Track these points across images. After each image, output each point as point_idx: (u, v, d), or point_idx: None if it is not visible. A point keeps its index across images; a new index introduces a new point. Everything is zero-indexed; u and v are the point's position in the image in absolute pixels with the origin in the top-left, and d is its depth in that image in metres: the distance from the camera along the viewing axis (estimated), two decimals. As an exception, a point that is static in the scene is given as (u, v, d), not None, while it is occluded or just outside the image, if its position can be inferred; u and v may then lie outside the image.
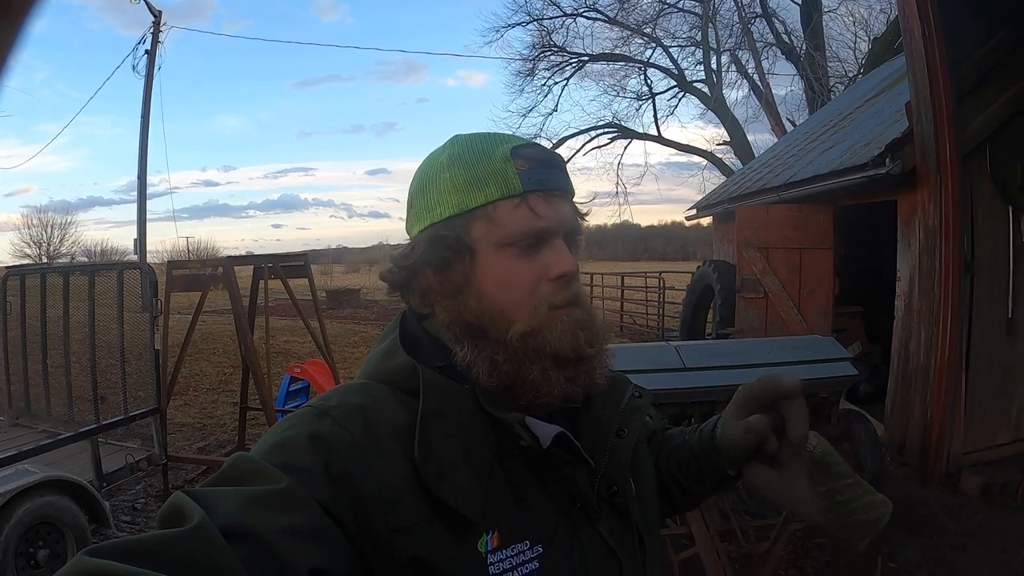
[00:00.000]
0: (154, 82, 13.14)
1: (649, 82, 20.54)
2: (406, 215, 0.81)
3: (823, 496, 0.78)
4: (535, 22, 20.01)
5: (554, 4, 19.60)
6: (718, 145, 20.39)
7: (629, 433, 0.79)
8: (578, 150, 20.99)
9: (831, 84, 16.77)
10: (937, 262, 4.79)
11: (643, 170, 35.08)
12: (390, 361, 0.75)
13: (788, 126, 16.74)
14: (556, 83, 20.75)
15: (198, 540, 0.50)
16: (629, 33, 19.67)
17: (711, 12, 18.16)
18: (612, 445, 0.77)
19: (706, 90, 19.33)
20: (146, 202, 13.39)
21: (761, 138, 20.08)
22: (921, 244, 4.97)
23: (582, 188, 0.84)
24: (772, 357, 3.88)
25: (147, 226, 13.88)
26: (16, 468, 3.58)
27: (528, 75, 20.75)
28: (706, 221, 11.50)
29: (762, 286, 6.66)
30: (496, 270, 0.73)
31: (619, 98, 21.27)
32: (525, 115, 20.95)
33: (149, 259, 14.30)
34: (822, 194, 6.38)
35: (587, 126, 21.01)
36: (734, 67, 19.11)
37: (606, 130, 21.00)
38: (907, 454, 5.03)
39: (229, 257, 5.42)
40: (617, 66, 20.53)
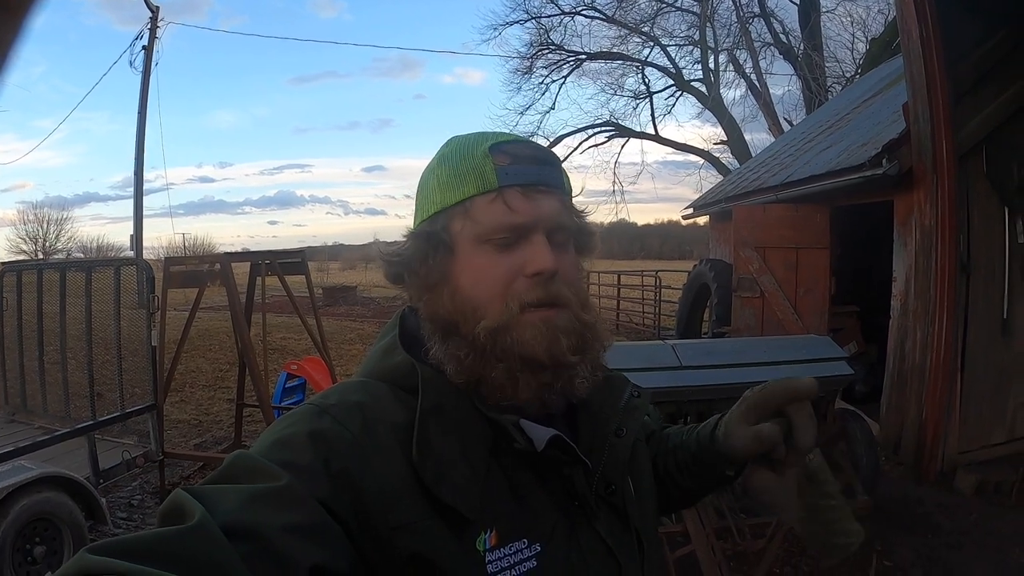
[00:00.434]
0: (151, 78, 13.10)
1: (647, 81, 20.60)
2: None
3: (807, 508, 0.79)
4: (533, 20, 20.03)
5: (552, 2, 19.64)
6: (715, 144, 20.47)
7: (627, 432, 0.79)
8: (575, 148, 21.04)
9: (828, 84, 16.80)
10: (933, 262, 4.82)
11: (640, 169, 35.19)
12: (389, 359, 0.75)
13: (785, 126, 16.75)
14: (554, 81, 20.79)
15: (199, 538, 0.50)
16: (627, 32, 19.70)
17: (709, 11, 18.18)
18: (610, 444, 0.77)
19: (704, 89, 19.37)
20: (142, 198, 13.35)
21: (758, 137, 20.19)
22: (917, 244, 4.99)
23: (578, 186, 0.82)
24: (768, 356, 3.89)
25: (143, 222, 13.87)
26: (13, 464, 3.57)
27: (526, 73, 20.78)
28: (702, 220, 11.52)
29: (759, 285, 6.67)
30: (471, 266, 0.73)
31: (617, 97, 21.22)
32: (522, 113, 21.01)
33: (145, 255, 14.26)
34: (819, 194, 6.39)
35: (584, 124, 21.08)
36: (732, 66, 19.18)
37: (603, 128, 21.04)
38: (902, 453, 5.05)
39: (226, 254, 5.41)
40: (615, 65, 20.59)
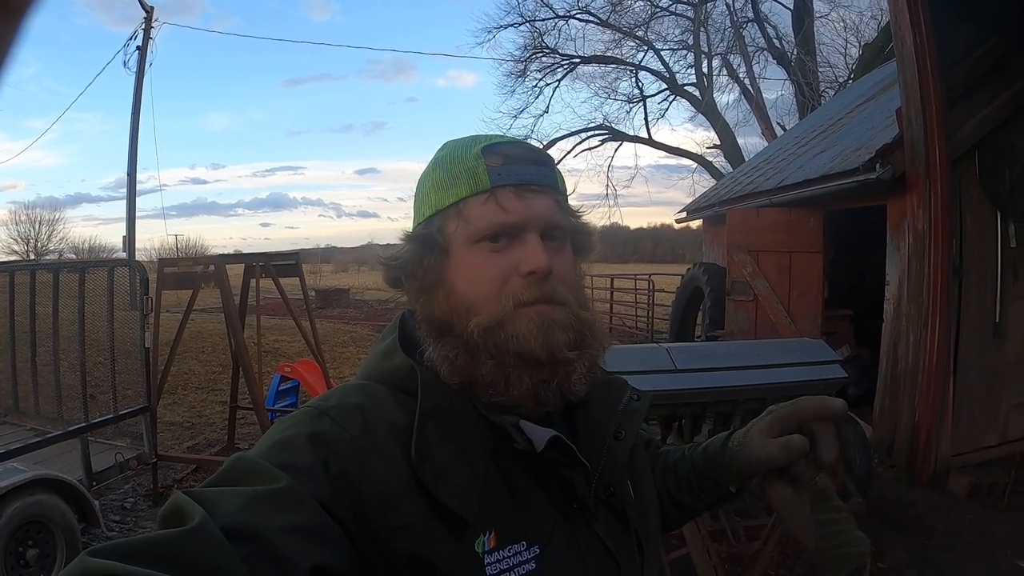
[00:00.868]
0: (145, 78, 13.06)
1: (640, 85, 20.61)
2: None
3: (819, 524, 0.81)
4: (527, 23, 20.04)
5: (546, 6, 19.64)
6: (708, 148, 20.52)
7: (626, 435, 0.79)
8: (569, 152, 21.05)
9: (822, 89, 16.89)
10: (926, 266, 4.84)
11: (633, 172, 35.23)
12: (388, 361, 0.75)
13: (778, 130, 16.80)
14: (547, 84, 20.77)
15: (199, 540, 0.50)
16: (621, 36, 19.73)
17: (703, 16, 18.25)
18: (609, 447, 0.77)
19: (697, 93, 19.42)
20: (135, 199, 13.29)
21: (751, 142, 20.30)
22: (910, 248, 5.02)
23: (571, 188, 0.83)
24: (763, 359, 3.91)
25: (136, 223, 13.79)
26: (5, 467, 3.54)
27: (519, 76, 20.76)
28: (695, 224, 11.55)
29: (752, 289, 6.69)
30: (466, 266, 0.73)
31: (610, 100, 21.26)
32: (516, 116, 20.96)
33: (138, 257, 14.19)
34: (812, 198, 6.41)
35: (578, 128, 21.08)
36: (725, 71, 19.27)
37: (597, 132, 21.07)
38: (896, 456, 5.07)
39: (221, 255, 5.39)
40: (609, 68, 20.62)
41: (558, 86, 20.85)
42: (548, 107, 21.23)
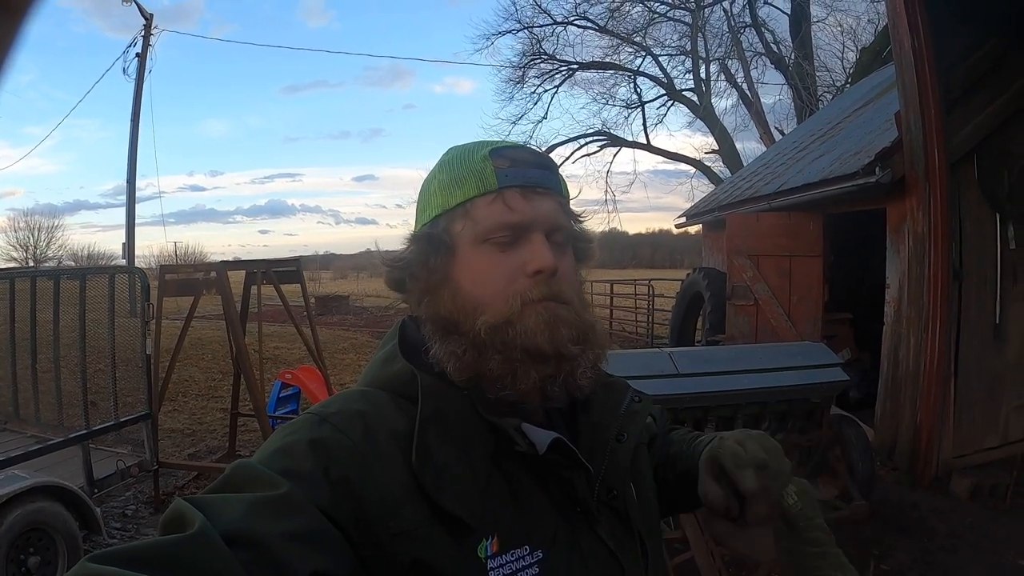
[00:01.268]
0: (144, 85, 13.09)
1: (638, 90, 20.68)
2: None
3: (784, 552, 0.80)
4: (525, 30, 20.11)
5: (545, 12, 19.71)
6: (707, 153, 20.56)
7: (628, 437, 0.79)
8: (568, 158, 21.08)
9: (819, 93, 16.94)
10: (926, 269, 4.85)
11: (632, 178, 35.30)
12: (389, 367, 0.75)
13: (776, 135, 16.84)
14: (546, 91, 20.88)
15: (199, 546, 0.51)
16: (619, 42, 19.82)
17: (701, 22, 18.32)
18: (611, 449, 0.77)
19: (695, 99, 19.48)
20: (135, 206, 13.30)
21: (749, 146, 20.26)
22: (910, 251, 5.03)
23: (572, 192, 0.84)
24: (764, 363, 3.91)
25: (135, 230, 13.80)
26: (6, 474, 3.53)
27: (518, 82, 20.85)
28: (694, 229, 11.55)
29: (752, 293, 6.70)
30: (472, 265, 0.74)
31: (608, 106, 21.30)
32: (515, 122, 21.04)
33: (137, 264, 14.19)
34: (812, 202, 6.42)
35: (576, 134, 21.17)
36: (723, 76, 19.34)
37: (595, 138, 21.12)
38: (897, 458, 5.07)
39: (223, 262, 5.40)
40: (607, 74, 20.71)
41: (556, 92, 20.99)
42: (547, 113, 21.12)
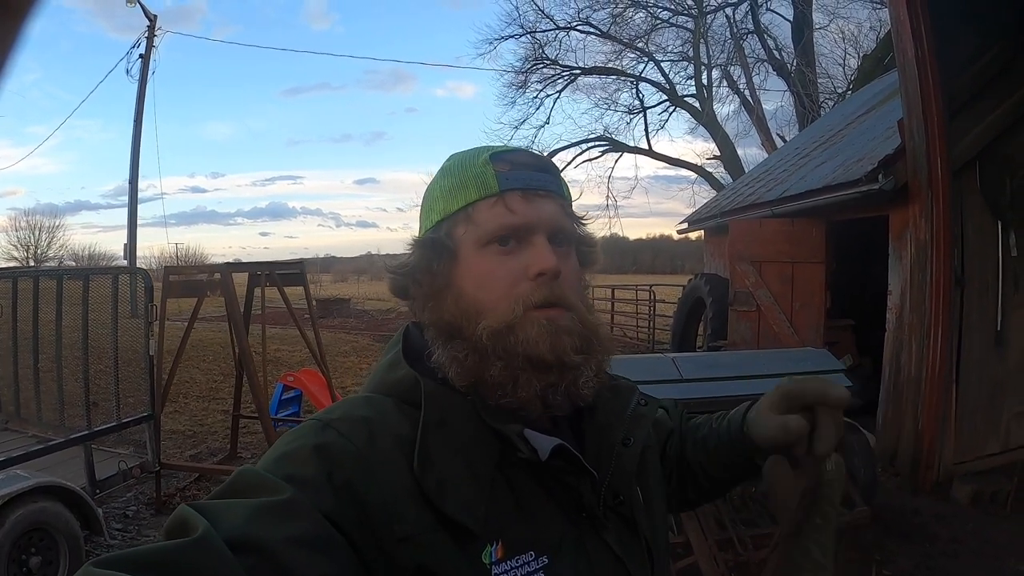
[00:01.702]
0: (147, 86, 13.12)
1: (640, 96, 20.62)
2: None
3: (796, 524, 0.77)
4: (528, 35, 20.12)
5: (547, 17, 19.72)
6: (708, 159, 20.55)
7: (635, 441, 0.79)
8: (569, 163, 21.06)
9: (821, 100, 16.97)
10: (928, 276, 4.86)
11: (633, 183, 35.24)
12: (393, 373, 0.75)
13: (778, 141, 16.85)
14: (548, 96, 20.78)
15: (202, 551, 0.51)
16: (622, 47, 19.82)
17: (703, 28, 18.35)
18: (617, 453, 0.77)
19: (697, 105, 19.49)
20: (137, 207, 13.31)
21: (751, 153, 20.34)
22: (912, 258, 5.04)
23: (574, 195, 0.83)
24: (768, 368, 3.92)
25: (136, 231, 13.80)
26: (8, 473, 3.53)
27: (520, 87, 20.81)
28: (695, 235, 11.56)
29: (755, 299, 6.71)
30: (475, 269, 0.74)
31: (610, 111, 21.27)
32: (517, 127, 20.98)
33: (138, 265, 14.21)
34: (815, 209, 6.43)
35: (578, 139, 21.11)
36: (725, 82, 19.36)
37: (597, 143, 21.09)
38: (899, 464, 5.07)
39: (227, 263, 5.42)
40: (609, 80, 20.66)
41: (559, 97, 20.92)
42: (549, 118, 21.15)
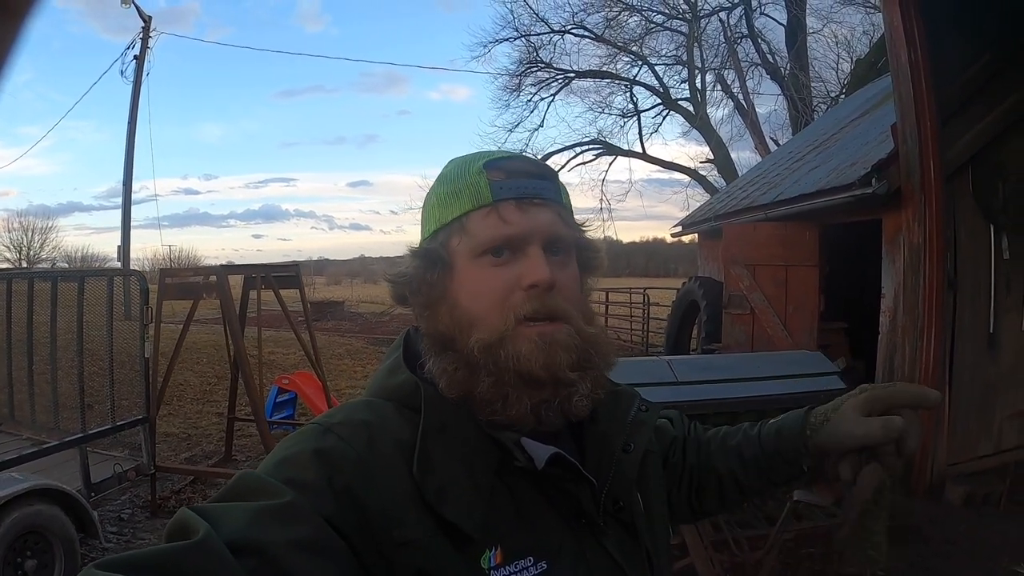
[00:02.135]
0: (141, 88, 13.08)
1: (635, 99, 20.61)
2: None
3: (862, 515, 0.80)
4: (523, 38, 20.12)
5: (542, 21, 19.72)
6: (702, 163, 20.58)
7: (635, 448, 0.79)
8: (563, 166, 21.02)
9: (814, 104, 17.04)
10: (921, 279, 4.89)
11: (627, 187, 35.23)
12: (393, 378, 0.75)
13: (771, 145, 16.90)
14: (542, 99, 20.71)
15: (202, 554, 0.51)
16: (616, 51, 19.84)
17: (697, 32, 18.40)
18: (618, 460, 0.77)
19: (691, 108, 19.55)
20: (131, 208, 13.27)
21: (744, 156, 20.42)
22: (905, 262, 5.06)
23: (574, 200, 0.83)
24: (763, 371, 3.94)
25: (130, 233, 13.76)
26: (3, 476, 3.51)
27: (514, 90, 20.77)
28: (688, 238, 11.55)
29: (749, 302, 6.72)
30: (469, 280, 0.73)
31: (604, 115, 21.25)
32: (511, 130, 20.89)
33: (132, 267, 14.15)
34: (808, 212, 6.44)
35: (572, 142, 21.09)
36: (719, 86, 19.39)
37: (591, 146, 21.09)
38: (892, 466, 5.09)
39: (223, 266, 5.41)
40: (603, 83, 20.65)
41: (553, 100, 20.83)
42: (543, 121, 21.06)
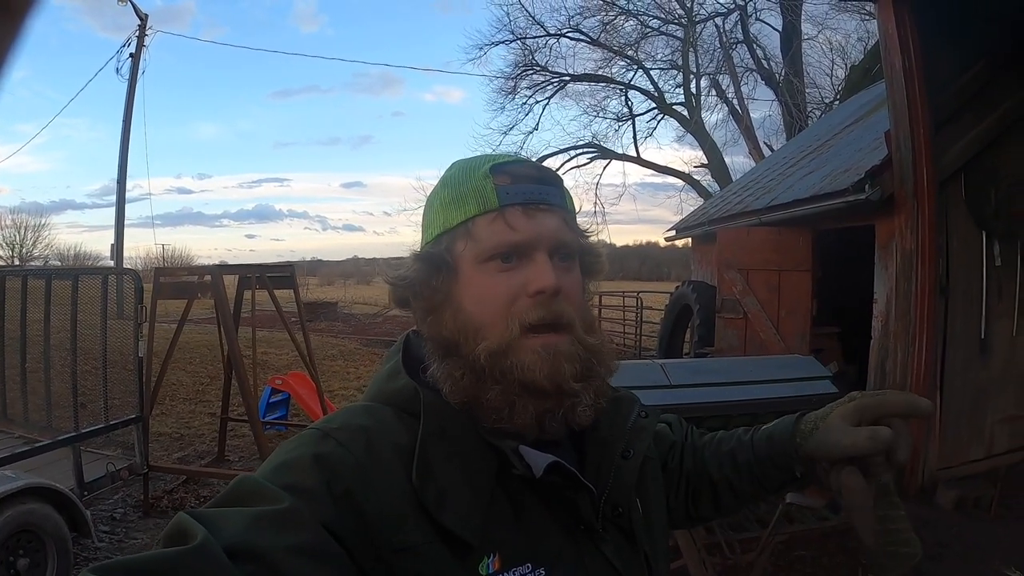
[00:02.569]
0: (137, 86, 13.04)
1: (629, 103, 20.64)
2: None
3: (878, 520, 0.80)
4: (518, 41, 20.14)
5: (538, 24, 19.73)
6: (696, 167, 20.65)
7: (634, 454, 0.79)
8: (557, 169, 20.95)
9: (809, 110, 17.12)
10: (913, 285, 4.92)
11: (621, 190, 35.22)
12: (392, 383, 0.75)
13: (765, 150, 16.97)
14: (537, 102, 20.73)
15: (200, 558, 0.51)
16: (611, 55, 19.87)
17: (693, 37, 18.47)
18: (617, 466, 0.77)
19: (685, 113, 19.60)
20: (125, 207, 13.22)
21: (738, 161, 20.40)
22: (898, 267, 5.10)
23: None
24: (756, 375, 3.95)
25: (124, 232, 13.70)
26: (-3, 474, 3.50)
27: (510, 93, 20.79)
28: (681, 242, 11.57)
29: (742, 307, 6.75)
30: (474, 285, 0.73)
31: (599, 118, 21.27)
32: (506, 133, 20.87)
33: (125, 265, 14.09)
34: (802, 218, 6.46)
35: (567, 145, 21.12)
36: (714, 91, 19.48)
37: (585, 150, 21.11)
38: (884, 470, 5.12)
39: (218, 265, 5.41)
40: (598, 87, 20.69)
41: (548, 103, 20.89)
42: (538, 124, 21.09)
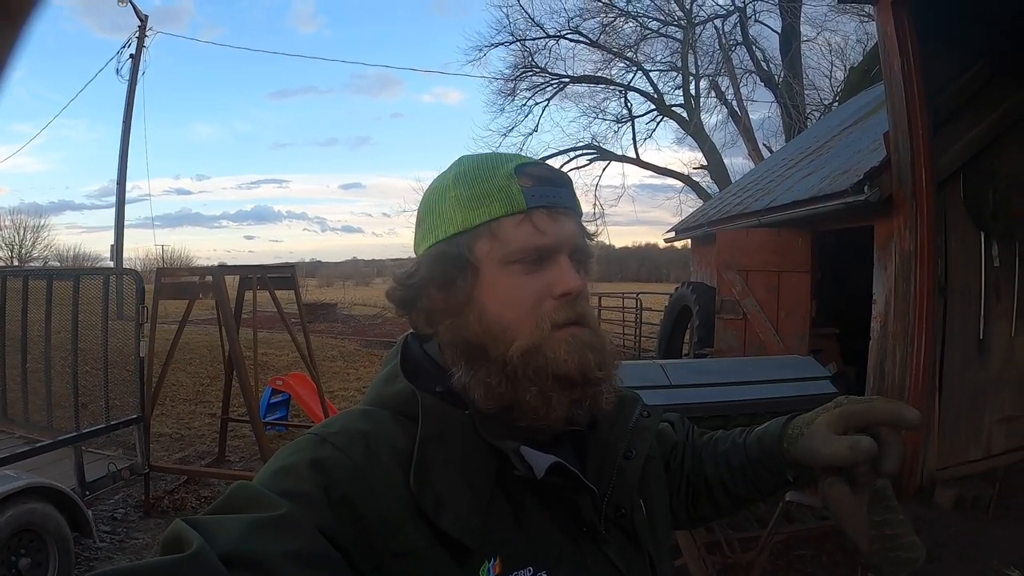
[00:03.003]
0: (136, 87, 13.05)
1: (629, 105, 20.61)
2: (414, 234, 0.80)
3: (874, 526, 0.79)
4: (518, 42, 20.14)
5: (537, 25, 19.71)
6: (695, 169, 20.65)
7: (637, 454, 0.78)
8: (557, 171, 21.03)
9: (808, 111, 17.13)
10: (912, 286, 4.94)
11: (620, 192, 35.32)
12: (391, 387, 0.74)
13: (764, 152, 16.99)
14: (537, 104, 20.69)
15: (195, 566, 0.50)
16: (611, 56, 19.85)
17: (692, 39, 18.46)
18: (619, 467, 0.77)
19: (685, 114, 19.60)
20: (124, 208, 13.22)
21: (737, 162, 20.43)
22: (897, 268, 5.11)
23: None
24: (755, 375, 3.96)
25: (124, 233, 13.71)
26: (-1, 474, 3.51)
27: (509, 95, 20.77)
28: (681, 244, 11.58)
29: (741, 308, 6.76)
30: (500, 287, 0.72)
31: (599, 120, 21.25)
32: (505, 134, 20.84)
33: (125, 266, 14.10)
34: (801, 219, 6.48)
35: (566, 147, 21.03)
36: (713, 92, 19.47)
37: (585, 151, 21.07)
38: (883, 470, 5.14)
39: (219, 266, 5.42)
40: (598, 88, 20.66)
41: (547, 105, 20.86)
42: (537, 126, 21.08)
